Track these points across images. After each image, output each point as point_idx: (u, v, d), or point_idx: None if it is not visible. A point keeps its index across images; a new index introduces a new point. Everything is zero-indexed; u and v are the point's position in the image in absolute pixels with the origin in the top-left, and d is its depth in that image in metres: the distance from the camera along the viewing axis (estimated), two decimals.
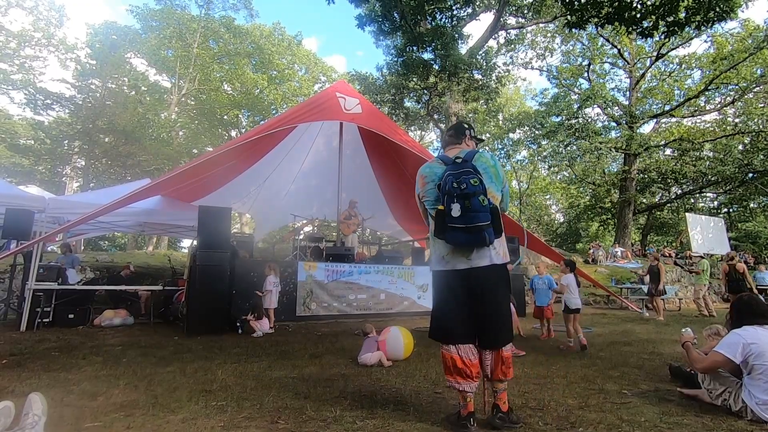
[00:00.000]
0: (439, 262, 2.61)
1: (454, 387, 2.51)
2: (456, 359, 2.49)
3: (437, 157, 2.76)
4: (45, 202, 7.67)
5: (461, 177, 2.44)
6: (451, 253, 2.53)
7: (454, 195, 2.40)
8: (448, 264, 2.55)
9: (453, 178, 2.44)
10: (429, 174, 2.66)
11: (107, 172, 22.86)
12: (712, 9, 6.80)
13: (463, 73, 11.31)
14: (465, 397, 2.49)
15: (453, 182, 2.42)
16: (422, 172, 2.72)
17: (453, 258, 2.54)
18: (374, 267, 8.96)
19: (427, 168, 2.71)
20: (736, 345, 2.83)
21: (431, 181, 2.62)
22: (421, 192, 2.69)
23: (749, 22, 18.93)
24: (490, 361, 2.53)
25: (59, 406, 2.77)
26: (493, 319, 2.55)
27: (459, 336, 2.52)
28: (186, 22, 25.52)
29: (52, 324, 6.65)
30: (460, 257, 2.52)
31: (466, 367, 2.47)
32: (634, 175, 20.99)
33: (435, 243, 2.62)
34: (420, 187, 2.71)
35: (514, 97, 32.99)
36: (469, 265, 2.51)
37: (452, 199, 2.40)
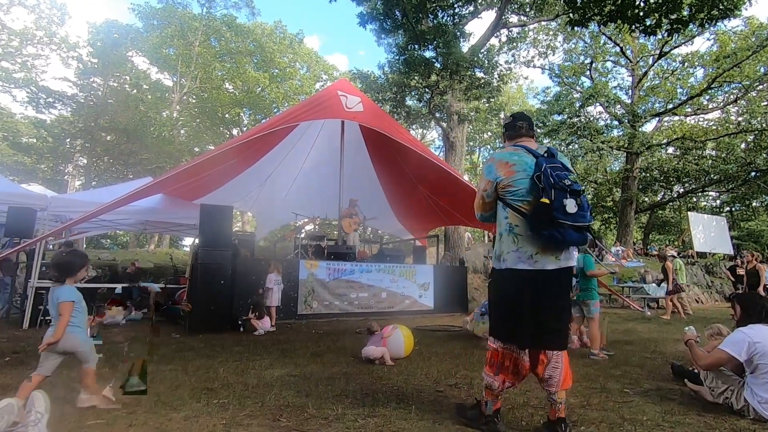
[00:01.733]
0: (524, 260, 2.36)
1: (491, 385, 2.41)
2: (519, 361, 2.39)
3: (518, 146, 2.51)
4: (47, 200, 7.70)
5: (559, 172, 2.28)
6: (542, 251, 2.33)
7: (567, 190, 2.23)
8: (537, 264, 2.34)
9: (552, 171, 2.27)
10: (518, 162, 2.40)
11: (109, 171, 22.94)
12: (715, 6, 6.76)
13: (465, 71, 11.27)
14: (495, 395, 2.44)
15: (554, 175, 2.25)
16: (506, 158, 2.45)
17: (543, 257, 2.34)
18: (375, 265, 8.96)
19: (514, 156, 2.45)
20: (742, 343, 2.83)
21: (522, 171, 2.37)
22: (506, 180, 2.40)
23: (753, 19, 18.83)
24: (560, 368, 2.38)
25: (62, 404, 2.78)
26: (565, 319, 2.49)
27: (528, 340, 2.39)
28: (188, 20, 25.51)
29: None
30: (550, 257, 2.34)
31: (513, 366, 2.40)
32: (636, 173, 20.93)
33: (519, 239, 2.38)
34: (503, 175, 2.41)
35: (517, 96, 32.92)
36: (558, 266, 2.36)
37: (564, 194, 2.22)
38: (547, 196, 2.23)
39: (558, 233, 2.24)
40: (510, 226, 2.42)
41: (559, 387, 2.37)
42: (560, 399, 2.38)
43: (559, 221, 2.21)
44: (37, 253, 6.55)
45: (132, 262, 9.71)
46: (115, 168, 22.76)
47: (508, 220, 2.44)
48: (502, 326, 2.48)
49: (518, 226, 2.39)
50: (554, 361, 2.38)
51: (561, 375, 2.37)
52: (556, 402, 2.39)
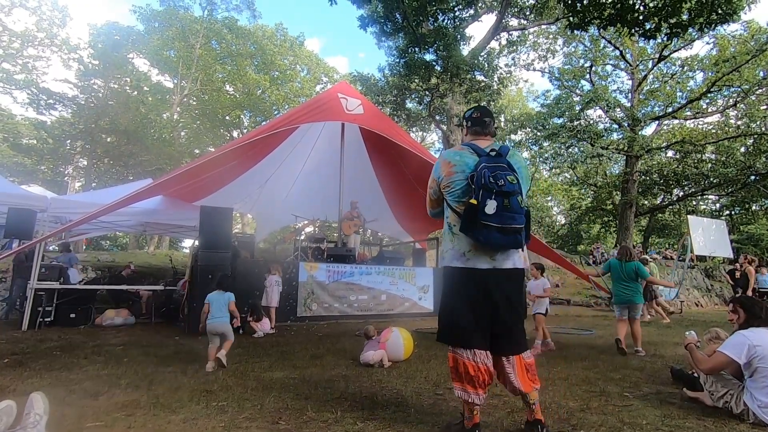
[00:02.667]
0: (457, 258, 2.37)
1: (462, 397, 2.31)
2: (469, 365, 2.28)
3: (466, 145, 2.51)
4: (47, 201, 7.70)
5: (497, 172, 2.25)
6: (474, 250, 2.32)
7: (492, 191, 2.21)
8: (469, 261, 2.33)
9: (489, 171, 2.25)
10: (458, 162, 2.40)
11: (109, 172, 22.94)
12: (714, 11, 6.78)
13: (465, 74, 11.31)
14: (472, 409, 2.33)
15: (489, 176, 2.22)
16: (448, 158, 2.46)
17: (475, 256, 2.32)
18: (375, 268, 8.96)
19: (456, 155, 2.45)
20: (742, 346, 2.82)
21: (461, 171, 2.38)
22: (445, 180, 2.42)
23: (752, 23, 18.88)
24: (513, 372, 2.33)
25: (61, 406, 2.78)
26: (513, 323, 2.38)
27: (474, 340, 2.31)
28: (189, 23, 25.59)
29: (54, 323, 6.66)
30: (484, 256, 2.32)
31: (479, 374, 2.27)
32: (635, 177, 20.93)
33: (455, 238, 2.40)
34: (443, 174, 2.44)
35: (516, 99, 32.98)
36: (491, 266, 2.32)
37: (489, 194, 2.20)
38: (476, 197, 2.24)
39: (481, 235, 2.23)
40: (450, 225, 2.46)
41: (520, 391, 2.33)
42: (532, 400, 2.36)
43: (482, 222, 2.21)
44: (36, 255, 6.54)
45: (127, 264, 9.68)
46: (115, 169, 22.75)
47: (448, 219, 2.48)
48: (451, 329, 2.41)
49: (455, 225, 2.41)
50: (507, 366, 2.35)
51: (516, 379, 2.33)
52: (528, 404, 2.38)
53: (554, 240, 33.02)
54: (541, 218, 36.01)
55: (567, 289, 14.33)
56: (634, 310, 5.53)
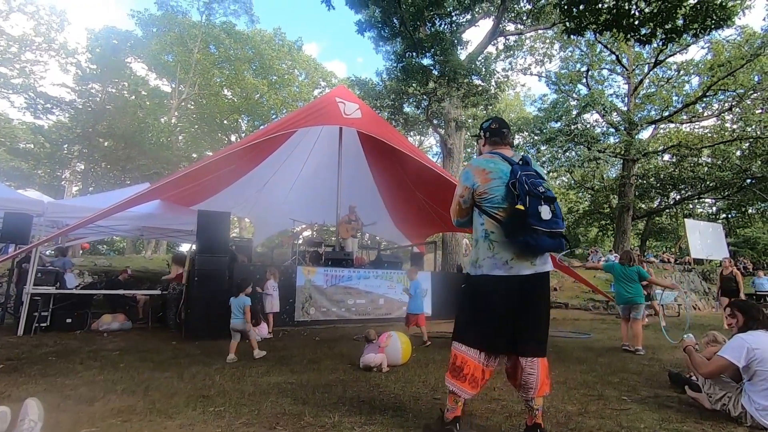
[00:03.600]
0: (499, 267, 2.37)
1: (455, 392, 2.38)
2: (476, 366, 2.35)
3: (495, 153, 2.55)
4: (44, 205, 7.67)
5: (532, 180, 2.32)
6: (517, 257, 2.35)
7: (540, 197, 2.27)
8: (513, 269, 2.35)
9: (527, 178, 2.31)
10: (494, 170, 2.43)
11: (106, 176, 22.88)
12: (709, 16, 6.83)
13: (463, 78, 11.34)
14: (456, 401, 2.39)
15: (529, 183, 2.29)
16: (482, 165, 2.48)
17: (518, 263, 2.35)
18: (373, 272, 8.94)
19: (490, 163, 2.48)
20: (740, 349, 2.83)
21: (498, 178, 2.40)
22: (482, 187, 2.43)
23: (747, 29, 19.06)
24: (536, 374, 2.35)
25: (56, 412, 2.75)
26: (543, 325, 2.45)
27: (493, 344, 2.38)
28: (187, 27, 25.64)
29: (50, 328, 6.61)
30: (526, 262, 2.36)
31: (480, 377, 2.35)
32: (632, 180, 21.02)
33: (495, 246, 2.39)
34: (479, 182, 2.44)
35: (514, 103, 33.13)
36: (533, 271, 2.37)
37: (539, 201, 2.27)
38: (522, 203, 2.27)
39: (532, 239, 2.26)
40: (486, 232, 2.44)
41: (535, 393, 2.35)
42: (537, 405, 2.38)
43: (533, 227, 2.25)
44: (32, 259, 6.51)
45: (124, 269, 9.63)
46: (112, 174, 22.69)
47: (484, 226, 2.46)
48: (470, 331, 2.45)
49: (494, 232, 2.41)
50: (529, 368, 2.37)
51: (537, 381, 2.35)
52: (532, 408, 2.39)
53: None
54: None
55: (565, 293, 14.34)
56: (636, 310, 5.84)
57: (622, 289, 5.97)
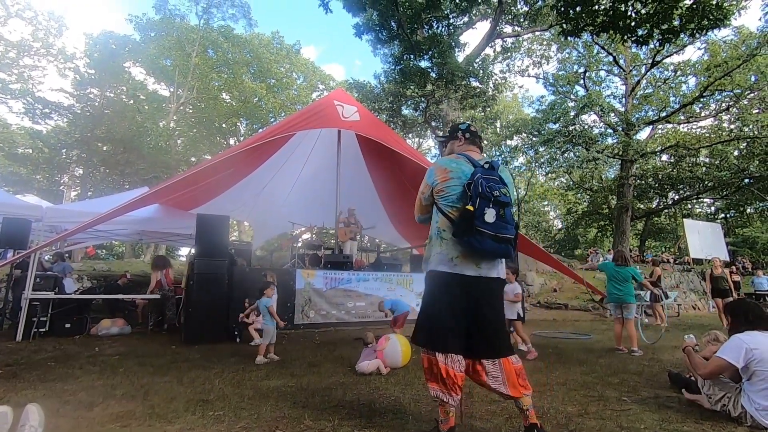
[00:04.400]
0: (444, 263, 2.42)
1: (438, 397, 2.36)
2: (443, 368, 2.33)
3: (461, 155, 2.59)
4: (42, 210, 7.67)
5: (492, 183, 2.35)
6: (462, 257, 2.38)
7: (490, 200, 2.30)
8: (456, 267, 2.39)
9: (485, 182, 2.34)
10: (455, 170, 2.48)
11: (105, 181, 22.85)
12: (705, 17, 6.86)
13: (460, 80, 11.39)
14: (447, 411, 2.36)
15: (486, 186, 2.32)
16: (445, 165, 2.53)
17: (463, 262, 2.38)
18: (373, 274, 8.93)
19: (452, 162, 2.53)
20: (739, 349, 2.83)
21: (456, 178, 2.45)
22: (440, 185, 2.49)
23: (743, 29, 19.14)
24: (501, 376, 2.36)
25: (55, 417, 2.75)
26: (495, 328, 2.45)
27: (450, 344, 2.36)
28: (185, 31, 25.69)
29: (49, 333, 6.59)
30: (471, 263, 2.38)
31: (450, 377, 2.32)
32: (631, 181, 21.06)
33: (444, 243, 2.44)
34: (439, 180, 2.50)
35: (512, 105, 33.20)
36: (477, 273, 2.39)
37: (487, 203, 2.30)
38: (472, 204, 2.30)
39: (476, 241, 2.29)
40: (439, 230, 2.49)
41: (509, 396, 2.36)
42: (525, 406, 2.37)
43: (478, 229, 2.27)
44: (31, 265, 6.49)
45: (123, 274, 9.61)
46: (111, 178, 22.66)
47: (438, 224, 2.51)
48: (430, 332, 2.45)
49: (445, 230, 2.45)
50: (491, 370, 2.37)
51: (505, 383, 2.35)
52: (522, 409, 2.39)
53: (551, 245, 33.10)
54: (538, 223, 36.11)
55: (565, 294, 14.33)
56: (627, 309, 5.90)
57: (613, 288, 6.03)
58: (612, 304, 6.12)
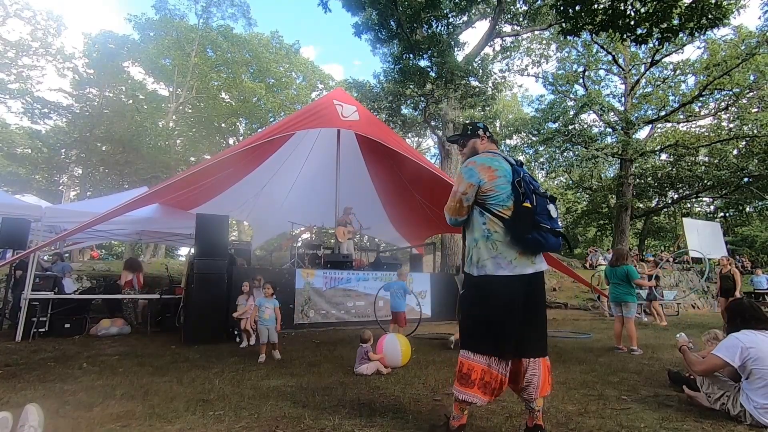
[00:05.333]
0: (503, 266, 2.32)
1: (465, 400, 2.30)
2: (486, 372, 2.29)
3: (497, 153, 2.54)
4: (42, 211, 7.66)
5: (533, 181, 2.36)
6: (520, 256, 2.32)
7: (546, 197, 2.31)
8: (516, 269, 2.31)
9: (530, 178, 2.34)
10: (500, 168, 2.40)
11: (104, 181, 22.83)
12: (704, 16, 6.87)
13: (460, 80, 11.37)
14: (463, 409, 2.36)
15: (532, 182, 2.31)
16: (488, 163, 2.43)
17: (521, 262, 2.32)
18: (372, 274, 8.94)
19: (495, 161, 2.44)
20: (735, 348, 2.84)
21: (503, 176, 2.37)
22: (488, 185, 2.37)
23: (742, 28, 19.14)
24: (537, 374, 2.32)
25: (55, 418, 2.74)
26: (543, 325, 2.43)
27: (504, 349, 2.30)
28: (184, 31, 25.64)
29: (48, 334, 6.58)
30: (527, 261, 2.34)
31: (494, 382, 2.28)
32: (630, 180, 21.07)
33: (498, 245, 2.34)
34: (485, 179, 2.38)
35: (511, 104, 33.18)
36: (534, 270, 2.36)
37: (545, 200, 2.31)
38: (530, 201, 2.28)
39: (541, 237, 2.28)
40: (488, 231, 2.38)
41: (537, 394, 2.33)
42: (537, 407, 2.37)
43: (542, 225, 2.27)
44: (30, 265, 6.49)
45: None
46: (110, 178, 22.64)
47: (486, 225, 2.39)
48: (480, 337, 2.36)
49: (497, 232, 2.36)
50: (532, 368, 2.35)
51: (539, 381, 2.33)
52: (533, 410, 2.37)
53: None
54: None
55: (564, 293, 14.35)
56: (627, 308, 5.96)
57: (612, 287, 6.18)
58: (612, 303, 6.23)
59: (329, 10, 8.14)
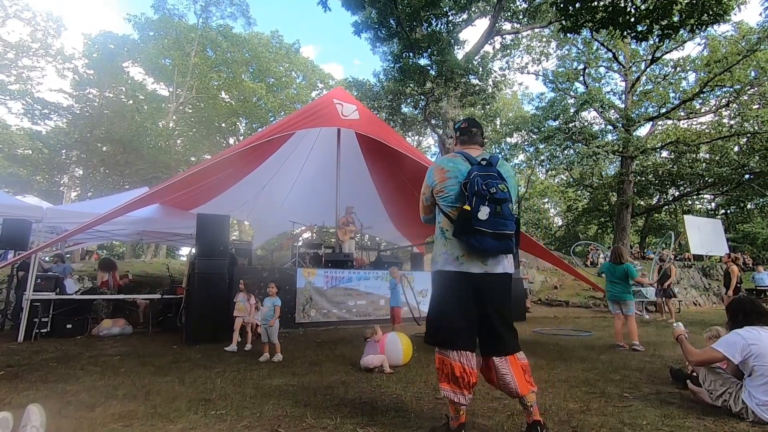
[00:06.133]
0: (450, 262, 2.43)
1: (449, 397, 2.36)
2: (456, 366, 2.33)
3: (458, 153, 2.59)
4: (42, 211, 7.66)
5: (488, 180, 2.34)
6: (467, 255, 2.39)
7: (485, 198, 2.29)
8: (462, 266, 2.39)
9: (481, 179, 2.33)
10: (452, 169, 2.48)
11: (105, 181, 22.85)
12: (705, 12, 6.85)
13: (460, 78, 11.36)
14: (458, 409, 2.38)
15: (482, 184, 2.31)
16: (442, 165, 2.55)
17: (468, 260, 2.39)
18: (373, 273, 8.94)
19: (450, 162, 2.53)
20: (736, 344, 2.84)
21: (454, 177, 2.46)
22: (439, 185, 2.51)
23: (742, 24, 19.10)
24: (509, 373, 2.35)
25: (57, 418, 2.75)
26: (504, 324, 2.44)
27: (461, 341, 2.36)
28: (184, 31, 25.63)
29: (50, 334, 6.60)
30: (476, 261, 2.39)
31: (465, 375, 2.32)
32: (631, 177, 21.05)
33: (448, 242, 2.45)
34: (437, 180, 2.52)
35: (511, 102, 33.13)
36: (483, 270, 2.39)
37: (482, 201, 2.29)
38: (469, 203, 2.31)
39: (475, 240, 2.29)
40: (442, 229, 2.52)
41: (517, 393, 2.34)
42: (529, 402, 2.37)
43: (476, 228, 2.27)
44: (32, 266, 6.49)
45: (124, 274, 9.61)
46: (111, 179, 22.66)
47: (440, 224, 2.53)
48: (440, 331, 2.45)
49: (448, 230, 2.46)
50: (500, 368, 2.36)
51: (514, 380, 2.34)
52: (526, 406, 2.38)
53: (552, 242, 33.10)
54: (539, 220, 36.10)
55: (565, 291, 14.35)
56: (626, 306, 6.04)
57: (610, 286, 6.20)
58: (611, 302, 6.27)
59: (329, 8, 8.13)
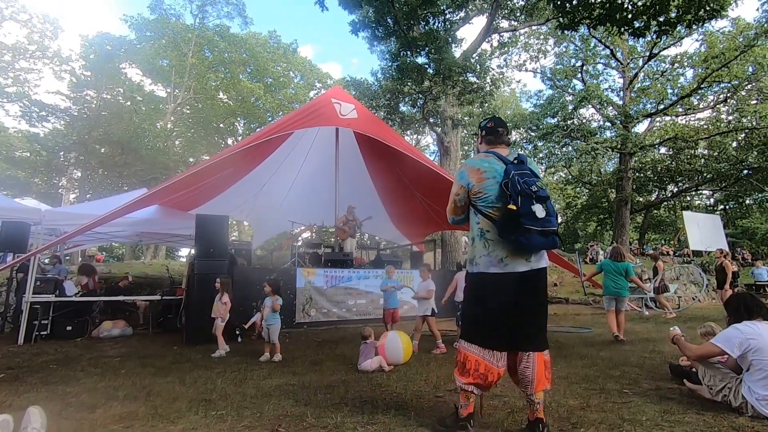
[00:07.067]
0: (494, 264, 2.42)
1: (463, 388, 2.43)
2: (482, 363, 2.39)
3: (490, 153, 2.59)
4: (41, 214, 7.66)
5: (526, 179, 2.36)
6: (512, 255, 2.39)
7: (533, 196, 2.31)
8: (507, 267, 2.40)
9: (520, 178, 2.35)
10: (489, 169, 2.47)
11: (103, 183, 22.84)
12: (702, 7, 6.84)
13: (458, 76, 11.32)
14: (468, 398, 2.45)
15: (522, 183, 2.33)
16: (477, 165, 2.53)
17: (513, 260, 2.40)
18: (373, 272, 8.94)
19: (485, 162, 2.51)
20: (734, 339, 2.85)
21: (492, 178, 2.44)
22: (476, 187, 2.48)
23: (740, 20, 19.08)
24: (531, 368, 2.39)
25: (58, 420, 2.75)
26: (541, 320, 2.50)
27: (497, 341, 2.41)
28: (181, 31, 25.56)
29: (50, 336, 6.60)
30: (520, 259, 2.40)
31: (490, 374, 2.38)
32: (630, 174, 21.05)
33: (490, 244, 2.44)
34: (474, 181, 2.49)
35: (510, 100, 33.10)
36: (528, 267, 2.42)
37: (531, 200, 2.31)
38: (514, 203, 2.31)
39: (524, 238, 2.31)
40: (481, 231, 2.50)
41: (533, 388, 2.38)
42: (537, 399, 2.40)
43: (526, 227, 2.29)
44: (31, 268, 6.49)
45: (124, 276, 9.61)
46: (109, 180, 22.65)
47: (479, 225, 2.52)
48: (476, 330, 2.50)
49: (489, 231, 2.46)
50: (526, 362, 2.41)
51: (533, 375, 2.38)
52: (533, 402, 2.41)
53: None
54: None
55: (565, 288, 14.36)
56: (621, 302, 6.36)
57: (610, 282, 6.37)
58: (607, 296, 6.43)
59: (326, 8, 8.08)
